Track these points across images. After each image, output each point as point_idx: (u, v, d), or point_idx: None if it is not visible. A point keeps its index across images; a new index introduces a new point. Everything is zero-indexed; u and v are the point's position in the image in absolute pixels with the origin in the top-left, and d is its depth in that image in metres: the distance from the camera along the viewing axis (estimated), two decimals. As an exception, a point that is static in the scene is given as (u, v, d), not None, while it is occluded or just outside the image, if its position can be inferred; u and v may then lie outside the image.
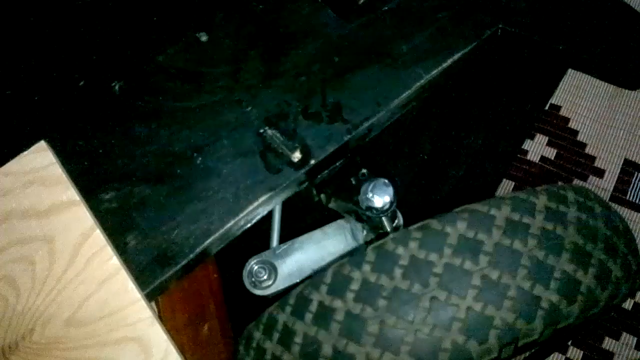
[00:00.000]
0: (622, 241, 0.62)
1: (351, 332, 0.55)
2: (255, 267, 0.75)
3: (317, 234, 0.79)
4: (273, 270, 0.75)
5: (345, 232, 0.80)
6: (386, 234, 0.71)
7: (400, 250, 0.57)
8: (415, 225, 0.59)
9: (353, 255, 0.59)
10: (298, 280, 0.75)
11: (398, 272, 0.56)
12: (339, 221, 0.80)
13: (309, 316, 0.57)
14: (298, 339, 0.57)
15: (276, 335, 0.60)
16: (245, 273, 0.76)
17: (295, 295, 0.60)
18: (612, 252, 0.60)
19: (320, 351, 0.56)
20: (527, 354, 1.01)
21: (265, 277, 0.75)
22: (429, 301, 0.54)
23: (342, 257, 0.78)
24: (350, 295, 0.56)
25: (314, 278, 0.60)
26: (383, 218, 0.69)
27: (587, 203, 0.63)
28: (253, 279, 0.75)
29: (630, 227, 1.18)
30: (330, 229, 0.79)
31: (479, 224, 0.57)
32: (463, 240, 0.56)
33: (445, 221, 0.58)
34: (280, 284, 0.75)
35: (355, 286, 0.56)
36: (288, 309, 0.59)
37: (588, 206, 0.62)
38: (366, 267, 0.57)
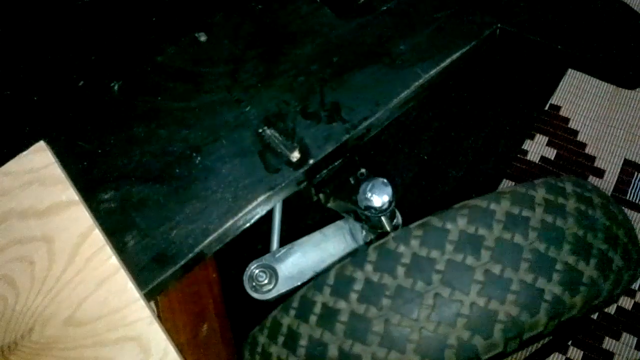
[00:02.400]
0: (622, 230, 0.62)
1: (356, 333, 0.55)
2: (256, 272, 0.75)
3: (316, 236, 0.79)
4: (273, 274, 0.75)
5: (345, 233, 0.80)
6: (386, 233, 0.71)
7: (401, 248, 0.57)
8: (416, 223, 0.59)
9: (355, 256, 0.59)
10: (299, 284, 0.75)
11: (400, 270, 0.56)
12: (337, 222, 0.80)
13: (313, 318, 0.57)
14: (303, 342, 0.57)
15: (281, 339, 0.59)
16: (245, 278, 0.75)
17: (299, 297, 0.60)
18: (612, 242, 0.60)
19: (327, 353, 0.56)
20: (532, 348, 1.01)
21: (265, 281, 0.75)
22: (432, 298, 0.54)
23: (342, 258, 0.78)
24: (353, 296, 0.56)
25: (316, 280, 0.60)
26: (382, 217, 0.69)
27: (585, 194, 0.63)
28: (254, 284, 0.75)
29: (630, 226, 1.17)
30: (329, 230, 0.79)
31: (479, 219, 0.57)
32: (464, 236, 0.56)
33: (446, 218, 0.58)
34: (281, 288, 0.75)
35: (358, 286, 0.56)
36: (292, 311, 0.59)
37: (586, 197, 0.62)
38: (368, 267, 0.57)
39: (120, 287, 0.57)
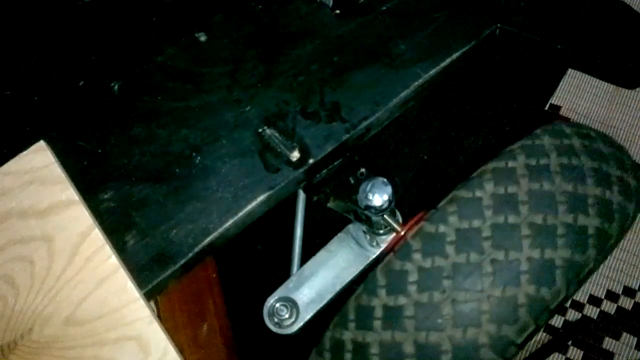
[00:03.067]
0: (625, 154, 0.65)
1: (427, 322, 0.55)
2: (277, 306, 0.73)
3: (322, 254, 0.77)
4: (293, 305, 0.73)
5: (349, 243, 0.78)
6: (394, 229, 0.71)
7: (442, 228, 0.57)
8: (445, 201, 0.59)
9: (397, 250, 0.58)
10: (322, 306, 0.74)
11: (450, 248, 0.56)
12: (338, 235, 0.79)
13: (377, 323, 0.57)
14: (374, 349, 0.56)
15: (349, 356, 0.58)
16: (266, 317, 0.73)
17: (353, 308, 0.59)
18: (623, 167, 0.63)
19: (403, 352, 0.55)
20: (532, 348, 1.01)
21: (287, 314, 0.73)
22: (490, 265, 0.54)
23: (353, 267, 0.77)
24: (412, 288, 0.56)
25: (365, 286, 0.59)
26: (387, 216, 0.69)
27: (582, 131, 0.65)
28: (276, 320, 0.73)
29: (630, 227, 1.18)
30: (333, 245, 0.78)
31: (504, 178, 0.58)
32: (497, 198, 0.57)
33: (473, 187, 0.58)
34: (305, 315, 0.73)
35: (413, 277, 0.56)
36: (351, 325, 0.58)
37: (585, 133, 0.65)
38: (416, 256, 0.57)
39: (120, 287, 0.57)
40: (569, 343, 1.12)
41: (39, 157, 0.61)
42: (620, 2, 0.78)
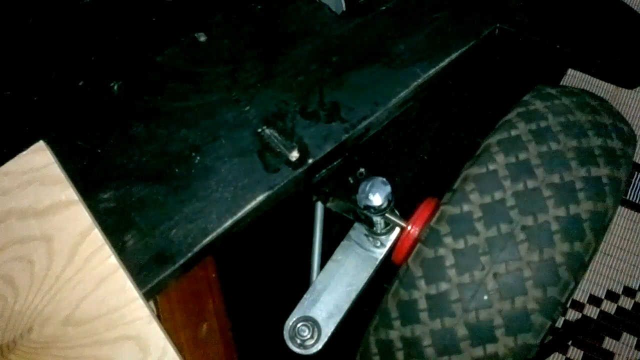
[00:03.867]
0: (608, 105, 0.68)
1: (474, 301, 0.55)
2: (297, 326, 0.73)
3: (330, 266, 0.77)
4: (313, 323, 0.73)
5: (354, 249, 0.78)
6: (398, 225, 0.70)
7: (466, 207, 0.57)
8: (458, 182, 0.59)
9: (425, 239, 0.58)
10: (342, 317, 0.74)
11: (479, 225, 0.56)
12: (341, 244, 0.79)
13: (423, 315, 0.57)
14: (427, 341, 0.56)
15: (401, 354, 0.58)
16: (288, 340, 0.73)
17: (395, 306, 0.58)
18: (613, 115, 0.65)
19: (456, 336, 0.55)
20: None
21: (309, 334, 0.72)
22: (522, 232, 0.55)
23: (364, 271, 0.77)
24: (451, 272, 0.56)
25: (402, 281, 0.58)
26: (388, 214, 0.69)
27: (567, 89, 0.67)
28: (299, 341, 0.73)
29: (631, 227, 1.18)
30: (338, 255, 0.78)
31: (512, 147, 0.59)
32: (512, 167, 0.58)
33: (484, 162, 0.59)
34: (327, 331, 0.73)
35: (449, 261, 0.56)
36: (396, 322, 0.58)
37: (570, 90, 0.67)
38: (447, 240, 0.57)
39: (119, 287, 0.57)
40: (569, 343, 1.11)
41: (39, 157, 0.61)
42: (620, 2, 0.78)
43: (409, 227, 0.67)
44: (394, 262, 0.69)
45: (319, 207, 0.81)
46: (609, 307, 1.14)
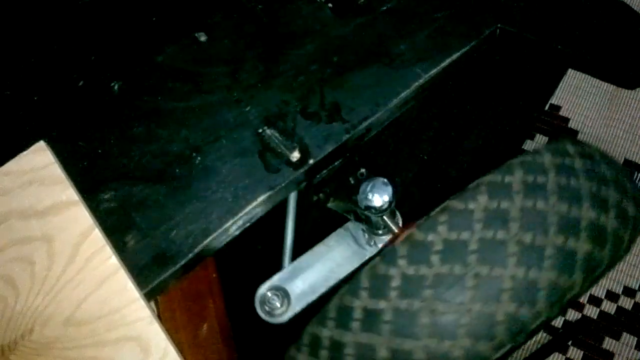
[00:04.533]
0: (627, 179, 0.64)
1: (404, 329, 0.54)
2: (268, 295, 0.73)
3: (320, 248, 0.77)
4: (285, 295, 0.73)
5: (348, 240, 0.79)
6: (390, 231, 0.71)
7: (431, 237, 0.56)
8: (437, 210, 0.59)
9: (384, 254, 0.58)
10: (314, 299, 0.74)
11: (435, 258, 0.55)
12: (338, 230, 0.79)
13: (355, 324, 0.56)
14: (350, 350, 0.56)
15: (324, 353, 0.58)
16: (257, 304, 0.73)
17: (335, 307, 0.59)
18: (623, 191, 0.61)
19: (376, 356, 0.55)
20: (532, 348, 1.01)
21: (278, 303, 0.73)
22: (473, 279, 0.54)
23: (349, 264, 0.77)
24: (393, 293, 0.55)
25: (350, 285, 0.59)
26: (385, 217, 0.69)
27: (586, 151, 0.64)
28: (267, 308, 0.73)
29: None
30: (331, 240, 0.78)
31: (498, 193, 0.57)
32: (489, 213, 0.56)
33: (466, 198, 0.58)
34: (296, 307, 0.73)
35: (396, 283, 0.55)
36: (330, 323, 0.58)
37: (588, 153, 0.63)
38: (402, 262, 0.56)
39: (120, 287, 0.57)
40: (569, 343, 1.12)
41: (39, 157, 0.61)
42: (620, 2, 0.78)
43: (398, 235, 0.67)
44: None
45: (292, 196, 0.81)
46: (608, 307, 1.15)
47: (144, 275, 0.60)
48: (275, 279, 0.75)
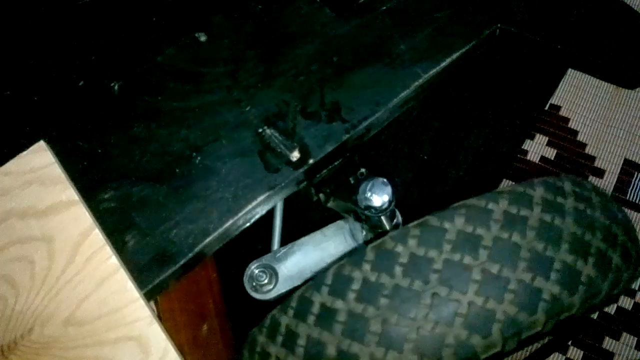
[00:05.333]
0: (621, 229, 0.62)
1: (354, 332, 0.55)
2: (256, 272, 0.75)
3: (316, 235, 0.79)
4: (274, 274, 0.75)
5: (345, 233, 0.80)
6: (385, 232, 0.71)
7: (399, 248, 0.57)
8: (414, 223, 0.59)
9: (353, 255, 0.59)
10: (299, 283, 0.75)
11: (398, 270, 0.56)
12: (338, 222, 0.80)
13: (311, 318, 0.57)
14: (302, 341, 0.57)
15: (280, 339, 0.59)
16: (245, 278, 0.76)
17: (297, 297, 0.60)
18: (611, 241, 0.60)
19: (324, 352, 0.56)
20: (532, 348, 1.01)
21: (266, 281, 0.75)
22: (430, 298, 0.54)
23: (342, 257, 0.78)
24: (351, 296, 0.56)
25: (315, 280, 0.60)
26: (382, 217, 0.69)
27: (584, 193, 0.62)
28: (254, 284, 0.75)
29: (630, 227, 1.17)
30: (329, 230, 0.79)
31: (477, 218, 0.57)
32: (462, 236, 0.56)
33: (444, 217, 0.58)
34: (281, 288, 0.75)
35: (356, 286, 0.56)
36: (290, 311, 0.59)
37: (585, 196, 0.62)
38: (366, 267, 0.57)
39: (120, 287, 0.57)
40: (569, 343, 1.11)
41: (39, 157, 0.61)
42: (620, 2, 0.78)
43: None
44: None
45: None
46: (608, 307, 1.14)
47: (144, 275, 0.60)
48: (267, 258, 0.77)
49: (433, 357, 0.54)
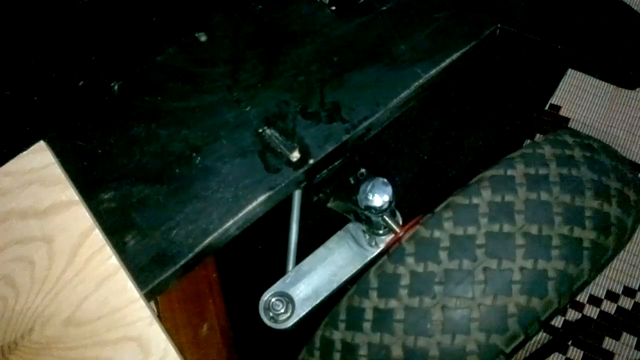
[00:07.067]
0: (627, 167, 0.65)
1: (417, 327, 0.55)
2: (272, 301, 0.73)
3: (320, 251, 0.77)
4: (289, 300, 0.73)
5: (348, 241, 0.78)
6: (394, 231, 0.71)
7: (437, 233, 0.57)
8: (441, 206, 0.59)
9: (391, 253, 0.58)
10: (317, 303, 0.74)
11: (443, 254, 0.56)
12: (338, 233, 0.79)
13: (367, 325, 0.57)
14: (363, 351, 0.57)
15: (337, 356, 0.59)
16: (262, 310, 0.73)
17: (345, 309, 0.59)
18: (624, 179, 0.62)
19: (391, 355, 0.55)
20: (532, 348, 1.01)
21: (282, 309, 0.73)
22: (482, 273, 0.54)
23: (351, 265, 0.77)
24: (403, 292, 0.56)
25: (358, 286, 0.59)
26: (386, 217, 0.69)
27: (584, 141, 0.65)
28: (271, 314, 0.73)
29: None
30: (332, 243, 0.78)
31: (502, 187, 0.58)
32: (494, 206, 0.57)
33: (470, 193, 0.58)
34: (300, 312, 0.73)
35: (405, 281, 0.56)
36: (341, 325, 0.59)
37: (587, 143, 0.64)
38: (410, 260, 0.57)
39: (120, 287, 0.57)
40: (569, 343, 1.12)
41: (39, 157, 0.61)
42: (620, 2, 0.78)
43: (401, 234, 0.67)
44: None
45: (297, 192, 0.81)
46: (609, 307, 1.14)
47: (144, 275, 0.60)
48: (278, 285, 0.74)
49: (500, 331, 0.54)
